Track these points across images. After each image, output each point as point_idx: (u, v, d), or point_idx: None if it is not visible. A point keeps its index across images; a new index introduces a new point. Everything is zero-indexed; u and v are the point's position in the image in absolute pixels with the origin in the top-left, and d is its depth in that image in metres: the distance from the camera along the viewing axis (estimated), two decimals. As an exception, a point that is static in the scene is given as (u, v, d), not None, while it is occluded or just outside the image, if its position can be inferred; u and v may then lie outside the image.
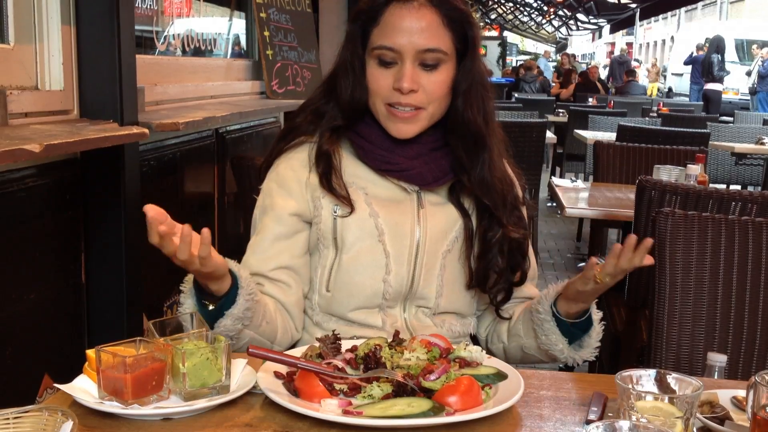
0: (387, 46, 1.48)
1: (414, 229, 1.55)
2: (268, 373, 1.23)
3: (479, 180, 1.56)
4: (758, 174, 6.80)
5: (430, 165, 1.56)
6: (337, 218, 1.53)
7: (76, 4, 1.98)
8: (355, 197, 1.54)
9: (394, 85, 1.48)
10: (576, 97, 13.21)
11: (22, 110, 1.83)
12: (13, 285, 1.73)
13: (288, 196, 1.55)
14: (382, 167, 1.55)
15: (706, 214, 1.96)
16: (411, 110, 1.49)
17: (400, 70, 1.48)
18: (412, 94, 1.48)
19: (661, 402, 1.04)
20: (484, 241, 1.58)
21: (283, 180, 1.57)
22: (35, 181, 1.79)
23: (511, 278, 1.60)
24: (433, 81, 1.49)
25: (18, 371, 1.76)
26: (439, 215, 1.58)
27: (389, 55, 1.49)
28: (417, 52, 1.47)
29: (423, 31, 1.47)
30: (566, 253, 6.73)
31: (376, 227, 1.53)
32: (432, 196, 1.59)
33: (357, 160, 1.57)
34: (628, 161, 4.23)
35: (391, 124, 1.52)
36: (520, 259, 1.61)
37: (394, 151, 1.55)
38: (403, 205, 1.56)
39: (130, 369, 1.11)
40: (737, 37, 20.10)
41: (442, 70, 1.50)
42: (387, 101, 1.50)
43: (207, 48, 3.26)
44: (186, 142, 2.54)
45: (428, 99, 1.50)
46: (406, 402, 1.13)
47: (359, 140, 1.56)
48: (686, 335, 1.93)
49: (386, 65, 1.50)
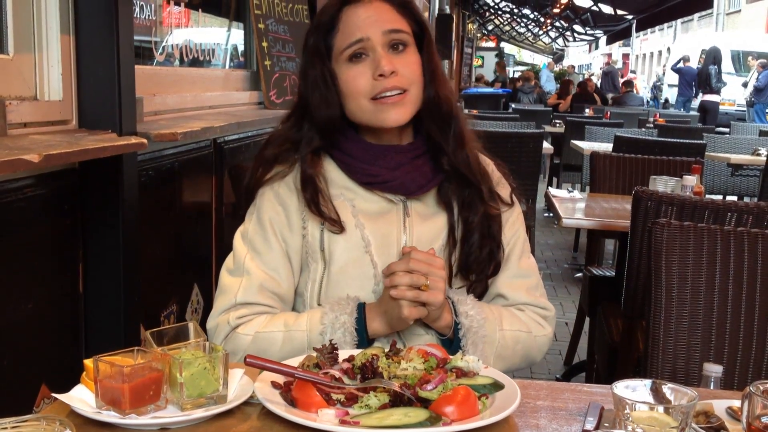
0: (355, 39, 1.53)
1: (400, 239, 1.57)
2: (265, 383, 1.23)
3: (454, 154, 1.58)
4: (754, 185, 6.82)
5: (412, 174, 1.57)
6: (324, 231, 1.55)
7: (75, 15, 1.99)
8: (342, 209, 1.56)
9: (374, 74, 1.51)
10: (573, 108, 13.26)
11: (21, 120, 1.84)
12: (11, 294, 1.74)
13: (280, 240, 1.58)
14: (365, 180, 1.57)
15: (702, 225, 1.96)
16: (398, 93, 1.52)
17: (374, 58, 1.52)
18: (394, 76, 1.51)
19: (656, 412, 1.04)
20: (466, 225, 1.60)
21: (272, 224, 1.58)
22: (34, 191, 1.79)
23: (487, 271, 1.62)
24: (406, 62, 1.54)
25: (15, 381, 1.76)
26: (426, 224, 1.59)
27: (359, 47, 1.52)
28: (383, 34, 1.52)
29: (382, 16, 1.54)
30: (563, 263, 6.74)
31: (363, 238, 1.54)
32: (419, 205, 1.60)
33: (344, 174, 1.59)
34: (624, 172, 4.24)
35: (382, 113, 1.53)
36: (494, 247, 1.61)
37: (375, 164, 1.56)
38: (389, 215, 1.58)
39: (127, 379, 1.11)
40: (733, 49, 20.20)
41: (410, 52, 1.56)
42: (371, 95, 1.52)
43: (205, 58, 3.27)
44: (184, 152, 2.55)
45: (410, 79, 1.53)
46: (403, 412, 1.14)
47: (342, 156, 1.59)
48: (682, 346, 1.93)
49: (359, 60, 1.53)
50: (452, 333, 1.53)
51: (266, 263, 1.56)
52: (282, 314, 1.54)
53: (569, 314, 5.09)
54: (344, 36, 1.54)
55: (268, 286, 1.55)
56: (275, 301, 1.56)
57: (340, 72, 1.55)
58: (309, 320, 1.49)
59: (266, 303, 1.55)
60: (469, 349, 1.50)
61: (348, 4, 1.56)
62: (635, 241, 2.74)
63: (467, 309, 1.53)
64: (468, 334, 1.51)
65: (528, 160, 5.42)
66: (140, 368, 1.14)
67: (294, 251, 1.58)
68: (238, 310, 1.53)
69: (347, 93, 1.54)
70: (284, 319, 1.51)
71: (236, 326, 1.51)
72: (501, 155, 1.77)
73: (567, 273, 6.36)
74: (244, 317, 1.52)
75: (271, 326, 1.50)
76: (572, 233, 7.29)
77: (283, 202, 1.58)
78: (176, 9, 2.95)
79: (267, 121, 3.04)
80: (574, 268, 6.48)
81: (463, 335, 1.51)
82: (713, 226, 1.97)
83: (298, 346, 1.47)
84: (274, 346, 1.47)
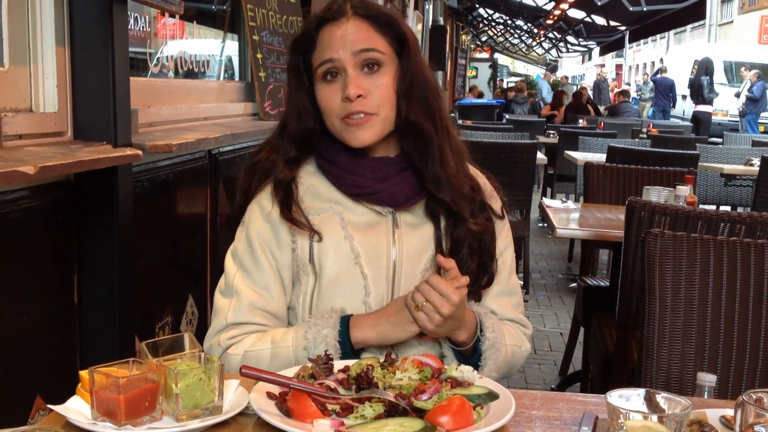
0: (326, 59, 1.54)
1: (390, 250, 1.57)
2: (260, 394, 1.23)
3: (433, 176, 1.58)
4: (747, 195, 6.84)
5: (400, 186, 1.58)
6: (313, 243, 1.56)
7: (70, 26, 2.00)
8: (331, 221, 1.57)
9: (341, 96, 1.52)
10: (567, 119, 13.30)
11: (16, 132, 1.84)
12: (6, 305, 1.73)
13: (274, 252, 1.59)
14: (353, 191, 1.58)
15: (695, 235, 1.98)
16: (363, 116, 1.52)
17: (345, 79, 1.52)
18: (360, 100, 1.51)
19: (650, 421, 1.05)
20: (453, 240, 1.61)
21: (260, 241, 1.59)
22: (29, 202, 1.80)
23: (481, 282, 1.63)
24: (377, 84, 1.53)
25: (10, 392, 1.75)
26: (415, 235, 1.60)
27: (330, 65, 1.53)
28: (354, 54, 1.52)
29: (356, 36, 1.54)
30: (557, 273, 6.75)
31: (352, 250, 1.55)
32: (407, 216, 1.61)
33: (332, 186, 1.60)
34: (618, 182, 4.26)
35: (348, 134, 1.54)
36: (487, 259, 1.63)
37: (363, 176, 1.57)
38: (378, 227, 1.58)
39: (123, 390, 1.12)
40: (726, 59, 20.30)
41: (384, 72, 1.55)
42: (340, 116, 1.53)
43: (200, 70, 3.28)
44: (179, 163, 2.55)
45: (377, 103, 1.53)
46: (398, 422, 1.14)
47: (330, 167, 1.60)
48: (676, 355, 1.94)
49: (332, 79, 1.54)
50: (473, 346, 1.56)
51: (256, 281, 1.57)
52: (271, 331, 1.55)
53: (564, 324, 5.10)
54: (320, 53, 1.56)
55: (259, 304, 1.56)
56: (267, 319, 1.57)
57: (317, 89, 1.57)
58: (294, 336, 1.50)
59: (257, 321, 1.56)
60: (488, 363, 1.54)
61: (326, 22, 1.57)
62: (629, 251, 2.75)
63: (492, 323, 1.57)
64: (490, 350, 1.55)
65: (522, 171, 5.43)
66: (136, 379, 1.14)
67: (284, 267, 1.59)
68: (228, 330, 1.55)
69: (322, 110, 1.57)
70: (272, 336, 1.53)
71: (227, 347, 1.53)
72: (495, 166, 1.79)
73: (561, 283, 6.37)
74: (234, 338, 1.54)
75: (260, 344, 1.52)
76: (566, 243, 7.31)
77: (269, 217, 1.58)
78: (171, 21, 2.96)
79: (262, 133, 3.04)
80: (569, 278, 6.49)
81: (486, 349, 1.55)
82: (706, 236, 1.98)
83: (285, 361, 1.48)
84: (263, 363, 1.48)
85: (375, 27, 1.55)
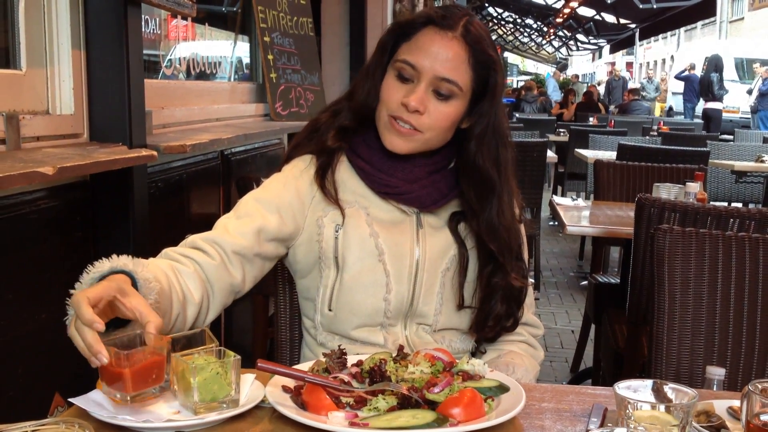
0: (410, 62, 1.51)
1: (413, 249, 1.59)
2: (276, 387, 1.26)
3: (487, 224, 1.58)
4: (759, 191, 6.83)
5: (428, 189, 1.59)
6: (338, 237, 1.57)
7: (86, 30, 2.03)
8: (357, 216, 1.58)
9: (402, 99, 1.51)
10: (577, 117, 13.28)
11: (34, 134, 1.88)
12: (25, 305, 1.77)
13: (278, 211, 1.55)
14: (381, 189, 1.59)
15: (704, 231, 1.99)
16: (409, 128, 1.52)
17: (413, 88, 1.51)
18: (416, 114, 1.51)
19: (658, 411, 1.07)
20: (488, 286, 1.61)
21: (283, 194, 1.57)
22: (47, 203, 1.83)
23: (505, 324, 1.65)
24: (440, 110, 1.52)
25: (29, 390, 1.79)
26: (438, 236, 1.62)
27: (408, 71, 1.52)
28: (434, 78, 1.50)
29: (447, 61, 1.50)
30: (569, 271, 6.75)
31: (376, 247, 1.56)
32: (431, 217, 1.62)
33: (360, 181, 1.61)
34: (628, 180, 4.26)
35: (388, 134, 1.55)
36: (515, 309, 1.65)
37: (393, 175, 1.58)
38: (402, 225, 1.60)
39: (129, 363, 1.15)
40: (737, 56, 20.20)
41: (451, 104, 1.53)
42: (391, 113, 1.53)
43: (211, 71, 3.31)
44: (192, 164, 2.58)
45: (429, 125, 1.52)
46: (410, 414, 1.16)
47: (360, 162, 1.60)
48: (686, 349, 1.95)
49: (403, 80, 1.53)
50: None
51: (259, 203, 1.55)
52: (172, 264, 1.43)
53: (575, 322, 5.11)
54: (409, 50, 1.53)
55: (221, 239, 1.48)
56: (214, 250, 1.47)
57: (387, 75, 1.56)
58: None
59: (204, 249, 1.47)
60: None
61: (433, 24, 1.53)
62: (639, 247, 2.76)
63: (518, 378, 1.54)
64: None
65: (532, 169, 5.44)
66: (141, 352, 1.17)
67: (272, 231, 1.53)
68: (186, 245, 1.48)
69: (380, 95, 1.56)
70: (164, 265, 1.41)
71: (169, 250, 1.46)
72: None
73: (572, 281, 6.38)
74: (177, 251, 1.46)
75: (159, 259, 1.44)
76: (577, 241, 7.31)
77: (307, 185, 1.58)
78: (182, 23, 3.00)
79: (273, 133, 3.08)
80: (580, 276, 6.49)
81: None
82: (714, 232, 1.99)
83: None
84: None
85: (470, 60, 1.52)
